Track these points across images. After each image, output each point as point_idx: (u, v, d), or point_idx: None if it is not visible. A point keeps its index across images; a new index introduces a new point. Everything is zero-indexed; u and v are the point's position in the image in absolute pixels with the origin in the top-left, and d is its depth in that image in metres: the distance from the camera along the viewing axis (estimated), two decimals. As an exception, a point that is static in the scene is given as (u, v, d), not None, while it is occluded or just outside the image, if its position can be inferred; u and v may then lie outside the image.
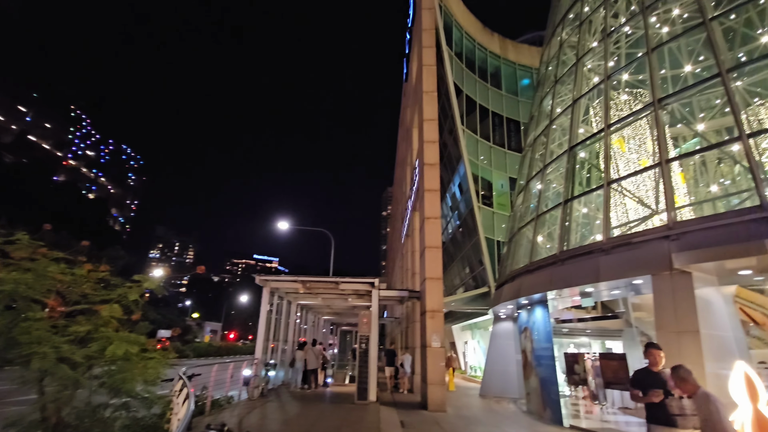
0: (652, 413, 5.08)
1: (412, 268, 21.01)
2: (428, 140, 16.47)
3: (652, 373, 5.35)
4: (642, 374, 5.37)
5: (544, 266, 11.21)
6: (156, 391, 6.33)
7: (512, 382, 14.89)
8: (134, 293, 5.88)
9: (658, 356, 5.36)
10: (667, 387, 5.07)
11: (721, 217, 7.53)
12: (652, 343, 5.58)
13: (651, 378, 5.28)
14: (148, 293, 7.02)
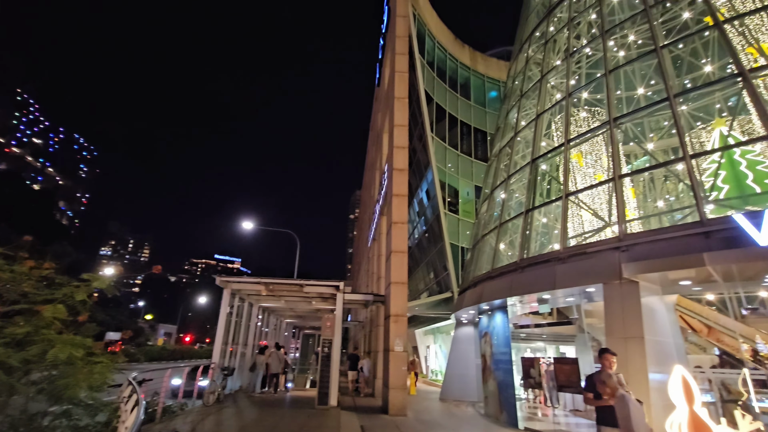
0: (602, 415, 5.27)
1: (378, 272, 21.05)
2: (398, 146, 16.61)
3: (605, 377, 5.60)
4: (592, 378, 5.57)
5: (505, 273, 11.58)
6: (102, 398, 5.96)
7: (471, 386, 15.22)
8: (81, 293, 5.53)
9: (611, 361, 5.60)
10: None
11: (665, 231, 8.11)
12: (606, 349, 5.85)
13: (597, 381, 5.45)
14: (97, 293, 6.61)
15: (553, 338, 16.98)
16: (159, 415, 8.92)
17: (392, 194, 15.88)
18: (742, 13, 10.75)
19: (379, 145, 27.69)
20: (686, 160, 8.46)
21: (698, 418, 5.83)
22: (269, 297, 16.91)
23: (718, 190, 11.07)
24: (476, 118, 27.04)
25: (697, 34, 12.54)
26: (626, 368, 7.24)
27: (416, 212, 28.07)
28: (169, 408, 10.04)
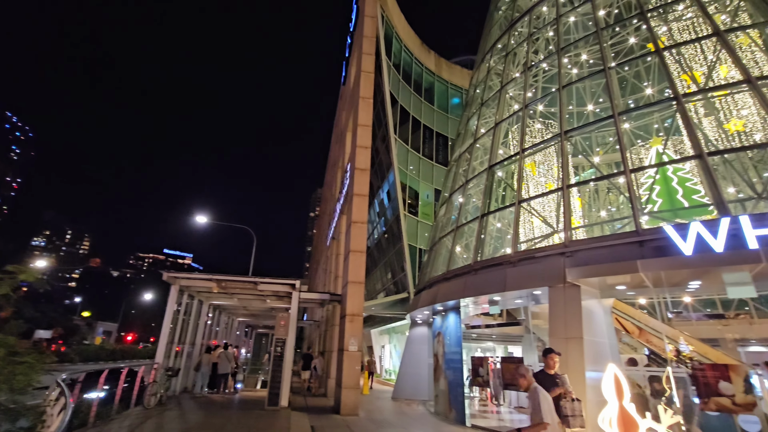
0: None
1: (336, 271, 20.90)
2: (361, 145, 16.60)
3: (548, 376, 5.90)
4: (539, 376, 5.78)
5: (460, 275, 11.92)
6: (26, 401, 5.47)
7: (423, 385, 15.51)
8: (5, 286, 5.04)
9: (555, 360, 5.94)
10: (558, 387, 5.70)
11: (605, 239, 8.71)
12: (551, 349, 6.17)
13: (547, 380, 5.78)
14: (25, 287, 6.06)
15: (502, 338, 17.69)
16: (92, 419, 8.31)
17: (353, 193, 15.85)
18: (679, 43, 11.77)
19: (342, 143, 27.52)
20: (626, 174, 9.14)
21: (627, 412, 6.31)
22: (221, 294, 16.28)
23: (652, 203, 12.05)
24: (439, 123, 27.60)
25: (641, 59, 13.58)
26: (566, 367, 7.69)
27: (376, 212, 28.18)
28: (105, 411, 9.38)
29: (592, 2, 13.62)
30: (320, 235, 46.06)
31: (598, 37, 12.40)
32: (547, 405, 4.47)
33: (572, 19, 15.50)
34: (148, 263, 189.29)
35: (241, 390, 17.10)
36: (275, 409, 11.87)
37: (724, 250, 6.79)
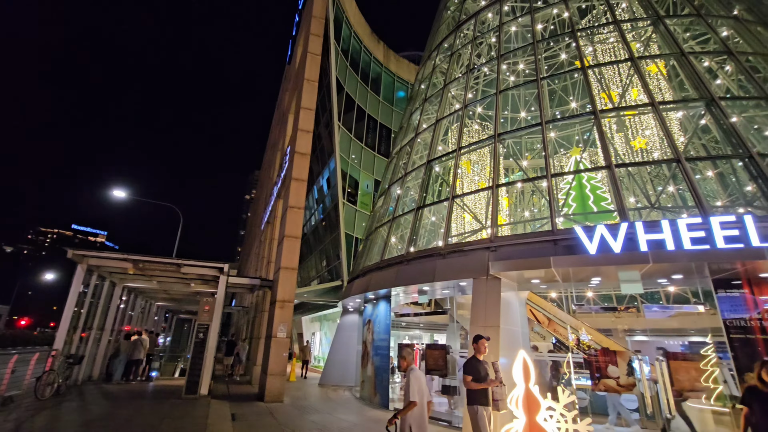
0: (476, 396, 5.88)
1: (269, 257, 20.30)
2: (303, 129, 16.17)
3: (478, 362, 6.19)
4: (471, 363, 6.15)
5: (393, 264, 12.20)
6: None
7: (351, 372, 15.74)
8: None
9: (484, 345, 6.27)
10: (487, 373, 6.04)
11: (526, 237, 9.45)
12: (480, 335, 6.45)
13: (479, 366, 6.11)
14: None
15: (429, 327, 18.51)
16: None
17: (291, 178, 15.44)
18: (601, 63, 12.99)
19: (283, 125, 26.57)
20: (548, 179, 9.96)
21: (531, 393, 6.96)
22: (138, 277, 15.00)
23: (568, 206, 13.29)
24: (383, 115, 27.74)
25: (569, 74, 14.79)
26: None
27: (315, 199, 27.73)
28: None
29: (532, 15, 14.50)
30: (255, 219, 44.25)
31: (534, 48, 13.24)
32: (417, 386, 4.86)
33: (513, 28, 16.38)
34: (52, 239, 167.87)
35: (157, 378, 16.01)
36: (194, 398, 11.31)
37: (621, 251, 7.70)
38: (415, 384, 4.84)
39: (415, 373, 5.00)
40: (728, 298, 7.61)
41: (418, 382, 4.90)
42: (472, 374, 5.97)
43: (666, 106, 10.91)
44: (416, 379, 4.92)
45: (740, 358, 7.14)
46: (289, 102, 25.08)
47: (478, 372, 6.00)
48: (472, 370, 6.02)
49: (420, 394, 4.82)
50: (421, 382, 4.96)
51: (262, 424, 9.05)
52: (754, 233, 6.91)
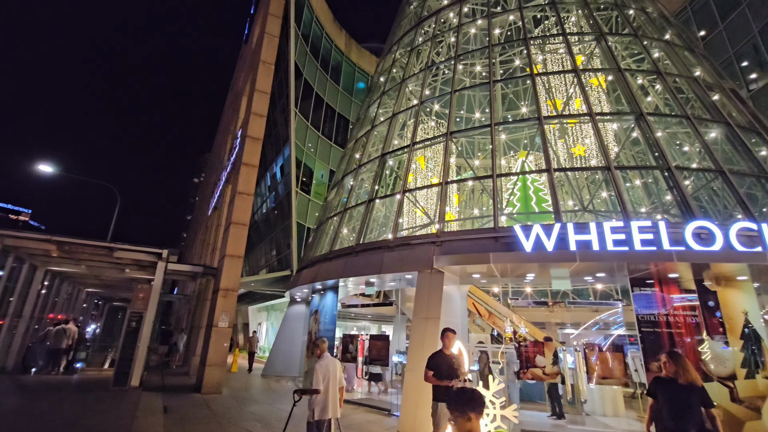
0: (440, 393, 5.56)
1: (214, 244, 19.50)
2: (256, 113, 15.61)
3: (445, 356, 5.80)
4: (437, 357, 5.80)
5: (342, 255, 12.20)
6: None
7: (295, 362, 15.61)
8: None
9: (452, 339, 5.89)
10: (454, 368, 5.63)
11: (470, 233, 9.82)
12: (449, 328, 6.11)
13: (444, 360, 5.74)
14: None
15: (376, 318, 18.75)
16: None
17: (242, 163, 14.88)
18: (549, 72, 13.70)
19: (236, 107, 25.48)
20: (493, 179, 10.40)
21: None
22: (64, 260, 13.82)
23: (512, 206, 13.97)
24: (342, 104, 27.40)
25: (521, 79, 15.47)
26: (424, 343, 8.56)
27: (267, 186, 26.93)
28: None
29: (489, 20, 14.95)
30: (202, 204, 42.18)
31: (489, 52, 13.68)
32: (321, 374, 5.19)
33: (473, 30, 16.80)
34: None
35: (82, 369, 14.91)
36: (123, 390, 10.69)
37: (553, 249, 8.25)
38: (319, 372, 5.16)
39: (321, 362, 5.31)
40: (642, 296, 8.42)
41: (323, 370, 5.21)
42: (433, 369, 5.69)
43: (603, 117, 11.76)
44: (321, 367, 5.23)
45: (648, 349, 7.95)
46: (244, 83, 24.05)
47: (439, 366, 5.67)
48: (434, 364, 5.74)
49: (325, 382, 5.16)
50: (328, 371, 5.27)
51: (197, 416, 8.75)
52: (666, 238, 7.68)
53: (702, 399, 4.00)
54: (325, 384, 5.17)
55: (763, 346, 7.73)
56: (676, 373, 4.17)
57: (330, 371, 5.27)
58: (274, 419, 8.70)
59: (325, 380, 5.18)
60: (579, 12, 14.88)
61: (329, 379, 5.22)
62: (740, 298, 8.10)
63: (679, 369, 4.16)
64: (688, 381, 4.11)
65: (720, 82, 12.70)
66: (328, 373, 5.24)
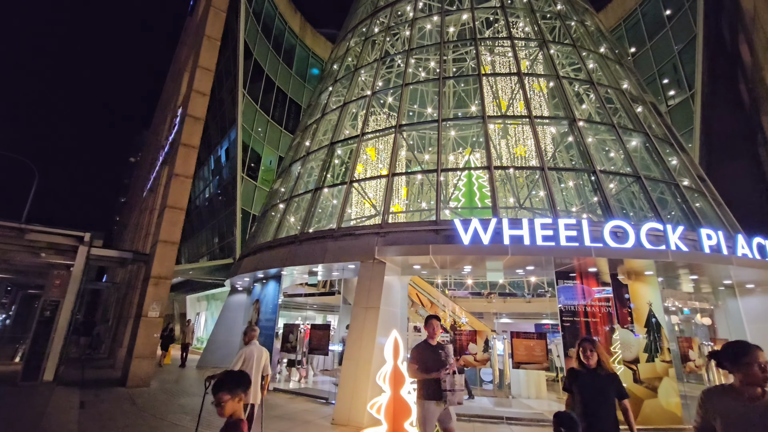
0: (430, 389, 4.84)
1: (148, 228, 18.24)
2: (198, 90, 14.69)
3: (430, 347, 5.12)
4: (421, 348, 5.13)
5: (286, 244, 11.94)
6: None
7: (233, 353, 15.08)
8: None
9: (437, 327, 5.24)
10: (442, 360, 4.95)
11: (412, 225, 10.03)
12: (433, 315, 5.45)
13: (430, 352, 5.06)
14: None
15: (321, 308, 18.65)
16: None
17: (180, 143, 13.98)
18: (495, 73, 14.24)
19: (178, 83, 23.84)
20: (438, 173, 10.67)
21: (399, 370, 7.48)
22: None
23: (456, 200, 14.45)
24: (294, 90, 26.60)
25: (471, 78, 15.93)
26: (363, 332, 8.66)
27: (211, 170, 25.60)
28: None
29: (442, 17, 15.18)
30: (137, 186, 39.17)
31: (441, 49, 13.92)
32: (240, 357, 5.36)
33: (428, 26, 16.97)
34: None
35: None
36: (33, 385, 9.74)
37: (489, 243, 8.65)
38: (239, 357, 5.32)
39: (246, 348, 5.46)
40: (565, 288, 9.12)
41: (245, 355, 5.35)
42: (418, 362, 4.97)
43: (541, 120, 12.47)
44: (242, 352, 5.40)
45: (567, 337, 8.66)
46: (187, 58, 22.52)
47: (425, 359, 4.96)
48: (419, 356, 5.02)
49: (244, 367, 5.28)
50: (252, 356, 5.40)
51: (118, 411, 8.20)
52: (587, 235, 8.36)
53: (618, 389, 3.70)
54: (247, 369, 5.24)
55: (662, 334, 8.72)
56: (599, 362, 3.76)
57: (254, 357, 5.40)
58: (205, 412, 8.38)
59: (247, 365, 5.28)
60: (526, 18, 15.56)
61: (253, 365, 5.33)
62: (647, 291, 9.06)
63: (602, 358, 3.79)
64: (608, 371, 3.76)
65: (643, 96, 13.95)
66: (252, 358, 5.36)
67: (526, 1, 15.41)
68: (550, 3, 16.21)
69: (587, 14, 16.77)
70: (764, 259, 9.17)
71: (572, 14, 15.92)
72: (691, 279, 10.10)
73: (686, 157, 12.59)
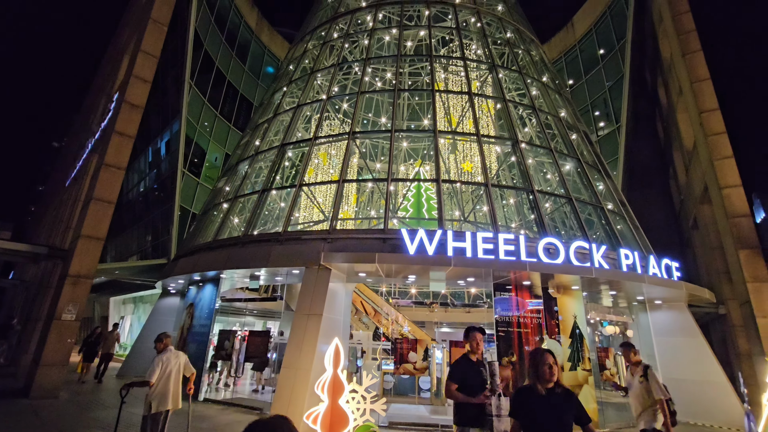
0: (469, 414, 4.13)
1: (69, 222, 16.54)
2: (138, 76, 13.69)
3: (472, 364, 4.36)
4: (463, 365, 4.35)
5: (227, 246, 11.40)
6: None
7: (162, 360, 14.04)
8: None
9: (480, 342, 4.43)
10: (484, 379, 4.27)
11: (360, 232, 10.07)
12: (473, 327, 4.60)
13: (471, 369, 4.31)
14: None
15: (262, 314, 17.96)
16: None
17: (114, 130, 12.91)
18: (447, 90, 14.83)
19: (116, 66, 22.05)
20: (387, 182, 10.82)
21: (338, 378, 7.40)
22: None
23: (405, 210, 14.71)
24: (246, 86, 25.68)
25: (425, 92, 16.42)
26: (303, 339, 8.46)
27: (148, 162, 23.84)
28: None
29: (401, 31, 15.56)
30: (59, 174, 35.40)
31: (397, 61, 14.24)
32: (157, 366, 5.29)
33: (386, 38, 17.27)
34: None
35: None
36: None
37: (433, 253, 8.90)
38: (156, 365, 5.26)
39: (161, 355, 5.42)
40: (501, 300, 9.61)
41: (161, 363, 5.31)
42: (458, 381, 4.21)
43: (488, 139, 13.14)
44: (158, 360, 5.34)
45: (501, 347, 9.10)
46: (129, 40, 20.91)
47: (467, 378, 4.21)
48: (459, 375, 4.26)
49: (161, 375, 5.26)
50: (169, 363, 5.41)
51: (17, 426, 7.27)
52: (523, 250, 8.90)
53: (579, 412, 2.91)
54: (164, 376, 5.27)
55: (584, 344, 9.47)
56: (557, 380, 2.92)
57: (171, 363, 5.39)
58: (123, 425, 7.67)
59: (164, 373, 5.27)
60: (479, 42, 16.41)
61: (170, 371, 5.33)
62: (572, 304, 9.80)
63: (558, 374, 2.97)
64: (565, 389, 2.96)
65: (578, 125, 15.24)
66: (169, 365, 5.36)
67: (479, 26, 16.27)
68: (500, 30, 17.24)
69: (533, 45, 18.05)
70: (670, 279, 10.35)
71: (520, 43, 17.05)
72: (611, 294, 11.10)
73: (611, 183, 13.90)
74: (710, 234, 15.35)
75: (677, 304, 11.40)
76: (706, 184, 14.69)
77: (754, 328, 11.81)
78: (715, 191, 13.76)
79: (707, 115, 14.43)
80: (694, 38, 15.68)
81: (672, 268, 10.60)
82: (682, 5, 16.48)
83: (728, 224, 13.03)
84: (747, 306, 12.20)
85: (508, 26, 17.25)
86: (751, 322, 12.05)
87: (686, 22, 16.14)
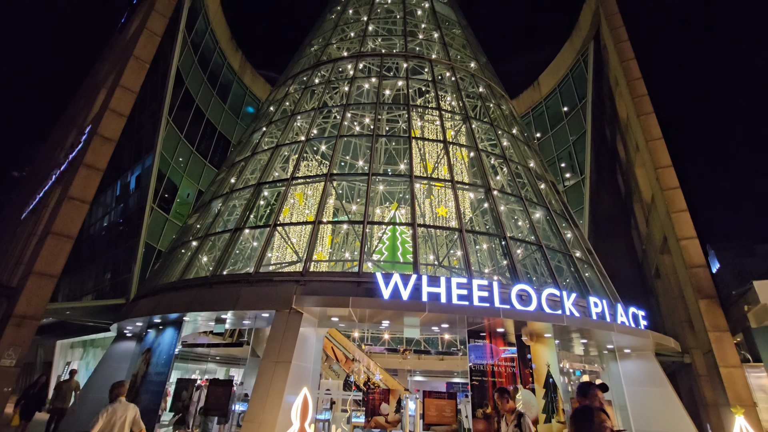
0: None
1: (20, 257, 15.46)
2: (115, 110, 13.59)
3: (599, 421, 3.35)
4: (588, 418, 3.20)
5: (193, 286, 10.86)
6: None
7: (109, 413, 12.72)
8: None
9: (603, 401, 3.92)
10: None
11: (333, 275, 9.89)
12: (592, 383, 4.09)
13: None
14: None
15: (225, 360, 16.89)
16: None
17: (82, 163, 12.54)
18: (423, 138, 15.41)
19: (91, 99, 21.83)
20: (364, 225, 10.83)
21: (305, 432, 6.95)
22: None
23: (380, 253, 14.66)
24: (225, 124, 25.83)
25: (402, 138, 16.97)
26: (269, 390, 7.94)
27: (115, 196, 23.01)
28: None
29: (380, 80, 16.32)
30: (16, 205, 33.52)
31: (376, 108, 14.80)
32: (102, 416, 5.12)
33: (366, 86, 18.03)
34: None
35: None
36: None
37: (408, 298, 8.79)
38: (100, 418, 5.10)
39: (110, 405, 5.26)
40: (475, 347, 9.47)
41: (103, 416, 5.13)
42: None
43: (462, 186, 13.56)
44: (105, 411, 5.19)
45: (476, 397, 8.84)
46: (107, 75, 20.90)
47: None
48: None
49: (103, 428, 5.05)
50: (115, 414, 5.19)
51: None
52: (497, 296, 8.93)
53: None
54: (107, 429, 5.10)
55: (558, 395, 9.34)
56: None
57: (117, 415, 5.23)
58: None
59: (107, 425, 5.11)
60: (453, 94, 17.39)
61: (115, 424, 5.16)
62: (545, 353, 9.77)
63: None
64: None
65: (546, 175, 16.03)
66: (115, 416, 5.20)
67: (453, 80, 17.31)
68: (473, 85, 18.38)
69: (503, 100, 19.28)
70: (637, 327, 10.57)
71: (491, 98, 18.17)
72: (581, 342, 11.18)
73: (578, 232, 14.46)
74: (671, 283, 16.02)
75: (645, 353, 11.57)
76: (665, 234, 15.54)
77: (718, 377, 12.07)
78: (674, 242, 14.54)
79: (662, 171, 15.55)
80: (647, 102, 17.24)
81: (639, 316, 10.86)
82: (634, 72, 18.24)
83: (687, 274, 13.67)
84: (710, 355, 12.54)
85: (480, 82, 18.43)
86: (714, 371, 12.34)
87: (639, 87, 17.79)
